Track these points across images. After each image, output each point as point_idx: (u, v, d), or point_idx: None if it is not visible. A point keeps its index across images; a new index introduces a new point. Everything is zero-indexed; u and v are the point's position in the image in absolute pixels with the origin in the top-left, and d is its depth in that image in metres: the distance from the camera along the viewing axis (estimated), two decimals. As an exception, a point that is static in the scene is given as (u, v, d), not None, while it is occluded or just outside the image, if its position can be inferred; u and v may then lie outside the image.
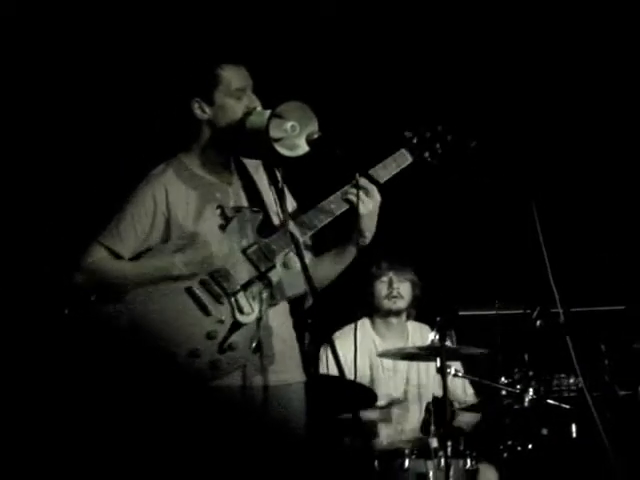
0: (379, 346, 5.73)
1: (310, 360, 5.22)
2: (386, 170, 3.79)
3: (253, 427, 3.57)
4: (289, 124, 3.59)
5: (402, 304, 5.81)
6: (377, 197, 3.72)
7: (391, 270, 5.80)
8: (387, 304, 5.79)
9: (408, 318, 5.91)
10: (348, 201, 3.69)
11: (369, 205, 3.70)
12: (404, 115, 5.81)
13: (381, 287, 5.81)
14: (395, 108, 5.93)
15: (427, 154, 3.88)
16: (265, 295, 3.61)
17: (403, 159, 3.84)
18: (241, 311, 3.57)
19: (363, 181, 3.70)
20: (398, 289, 5.78)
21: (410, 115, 5.78)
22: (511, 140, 5.85)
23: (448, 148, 3.88)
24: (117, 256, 3.61)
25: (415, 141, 3.87)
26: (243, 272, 3.59)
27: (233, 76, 3.68)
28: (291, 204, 3.82)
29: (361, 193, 3.68)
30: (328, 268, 3.81)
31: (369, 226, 3.74)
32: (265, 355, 3.61)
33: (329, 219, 3.71)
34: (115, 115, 5.50)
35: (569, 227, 5.98)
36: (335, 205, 3.71)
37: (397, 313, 5.82)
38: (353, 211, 3.69)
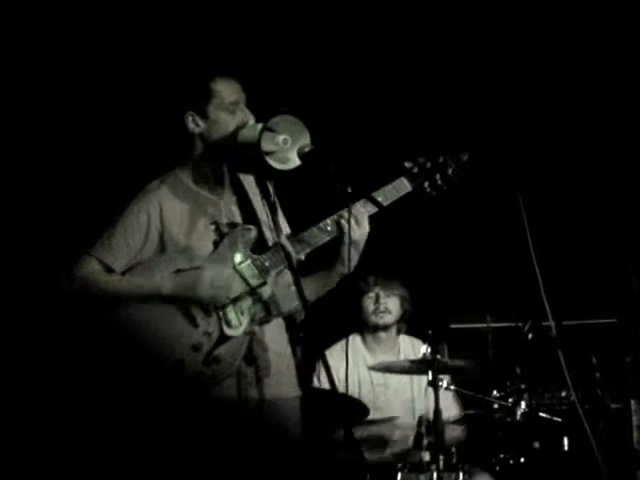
0: (369, 362, 5.72)
1: (302, 374, 5.22)
2: (385, 197, 3.78)
3: (248, 439, 3.57)
4: (281, 137, 3.60)
5: (389, 319, 5.79)
6: (366, 227, 3.73)
7: (377, 285, 5.80)
8: (374, 319, 5.78)
9: (399, 332, 5.90)
10: (339, 225, 3.70)
11: (356, 234, 3.70)
12: (397, 124, 5.84)
13: (368, 302, 5.80)
14: (387, 117, 5.95)
15: (427, 184, 3.88)
16: (254, 310, 3.62)
17: (402, 188, 3.83)
18: (229, 324, 3.58)
19: (356, 209, 3.70)
20: (385, 304, 5.77)
21: (403, 124, 5.81)
22: (502, 149, 5.85)
23: (449, 181, 3.89)
24: (108, 269, 3.62)
25: (415, 171, 3.87)
26: (234, 287, 3.60)
27: (227, 90, 3.69)
28: (284, 225, 3.82)
29: (352, 221, 3.68)
30: (313, 289, 3.80)
31: (354, 255, 3.73)
32: (260, 368, 3.61)
33: (328, 238, 3.72)
34: (111, 127, 5.50)
35: (561, 241, 5.98)
36: (331, 227, 3.72)
37: (385, 328, 5.81)
38: (340, 237, 3.70)
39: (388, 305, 5.77)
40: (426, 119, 5.87)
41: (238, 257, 3.64)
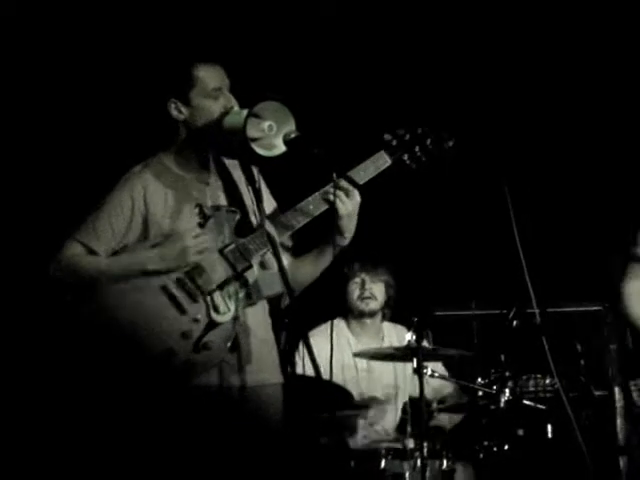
0: (353, 346, 5.72)
1: (286, 360, 5.21)
2: (365, 172, 3.78)
3: (230, 427, 3.56)
4: (266, 124, 3.59)
5: (374, 305, 5.79)
6: (357, 198, 3.73)
7: (363, 271, 5.80)
8: (359, 305, 5.78)
9: (384, 318, 5.91)
10: (328, 201, 3.70)
11: (349, 206, 3.70)
12: (380, 109, 5.83)
13: (353, 288, 5.80)
14: (371, 103, 5.94)
15: (406, 157, 3.88)
16: (241, 295, 3.61)
17: (382, 162, 3.83)
18: (217, 310, 3.56)
19: (343, 182, 3.70)
20: (370, 290, 5.77)
21: (385, 107, 5.80)
22: (488, 136, 5.85)
23: (427, 152, 3.89)
24: (92, 253, 3.61)
25: (394, 144, 3.87)
26: (219, 271, 3.59)
27: (209, 76, 3.68)
28: (271, 204, 3.83)
29: (341, 194, 3.69)
30: (308, 269, 3.82)
31: (348, 227, 3.74)
32: (242, 355, 3.60)
33: (307, 220, 3.71)
34: (95, 114, 5.48)
35: (546, 228, 5.99)
36: (313, 206, 3.72)
37: (370, 314, 5.81)
38: (332, 212, 3.70)
39: (373, 291, 5.78)
40: (415, 105, 5.86)
41: (223, 240, 3.63)
